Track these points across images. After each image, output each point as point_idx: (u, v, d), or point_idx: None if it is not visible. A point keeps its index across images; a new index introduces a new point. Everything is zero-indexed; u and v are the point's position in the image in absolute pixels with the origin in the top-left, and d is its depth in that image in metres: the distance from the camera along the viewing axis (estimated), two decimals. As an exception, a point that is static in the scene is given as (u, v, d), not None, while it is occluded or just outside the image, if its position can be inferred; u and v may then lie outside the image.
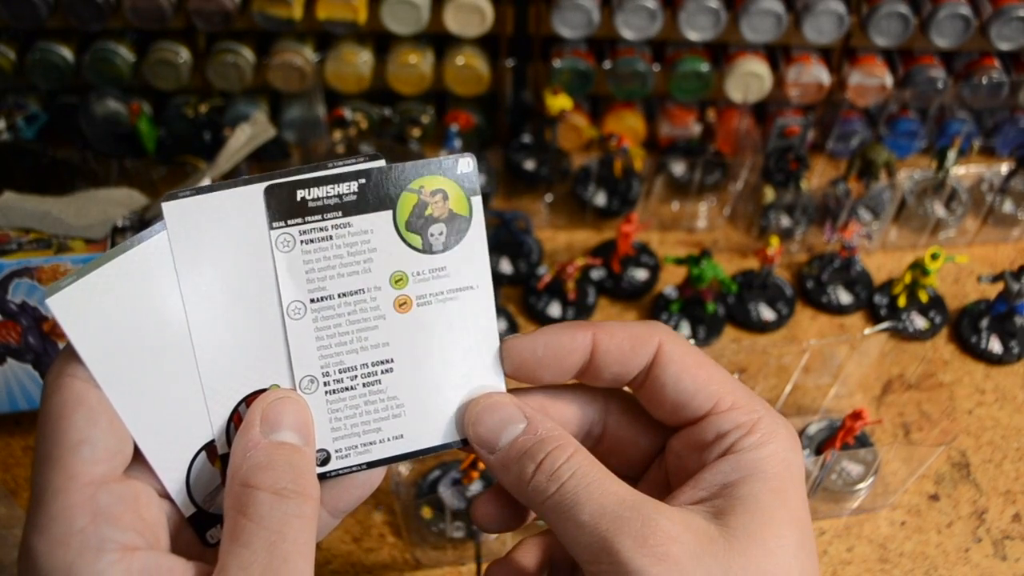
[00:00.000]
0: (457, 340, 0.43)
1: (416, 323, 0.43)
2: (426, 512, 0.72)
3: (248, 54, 0.98)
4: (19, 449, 0.80)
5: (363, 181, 0.41)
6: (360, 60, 0.99)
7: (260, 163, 0.95)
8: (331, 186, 0.41)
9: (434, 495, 0.74)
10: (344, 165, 0.41)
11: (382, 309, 0.42)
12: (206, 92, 1.01)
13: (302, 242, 0.41)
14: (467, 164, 0.42)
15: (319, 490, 0.40)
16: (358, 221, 0.41)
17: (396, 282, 0.42)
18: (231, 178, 0.92)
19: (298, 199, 0.40)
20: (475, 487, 0.74)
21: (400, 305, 0.42)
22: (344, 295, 0.42)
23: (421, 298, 0.43)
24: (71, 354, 0.37)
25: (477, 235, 0.43)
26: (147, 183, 0.91)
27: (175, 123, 1.01)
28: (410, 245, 0.42)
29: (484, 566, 0.73)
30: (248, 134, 0.89)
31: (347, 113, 1.00)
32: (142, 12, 0.93)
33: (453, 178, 0.42)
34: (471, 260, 0.43)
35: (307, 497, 0.38)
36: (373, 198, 0.41)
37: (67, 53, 0.98)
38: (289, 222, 0.40)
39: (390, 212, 0.41)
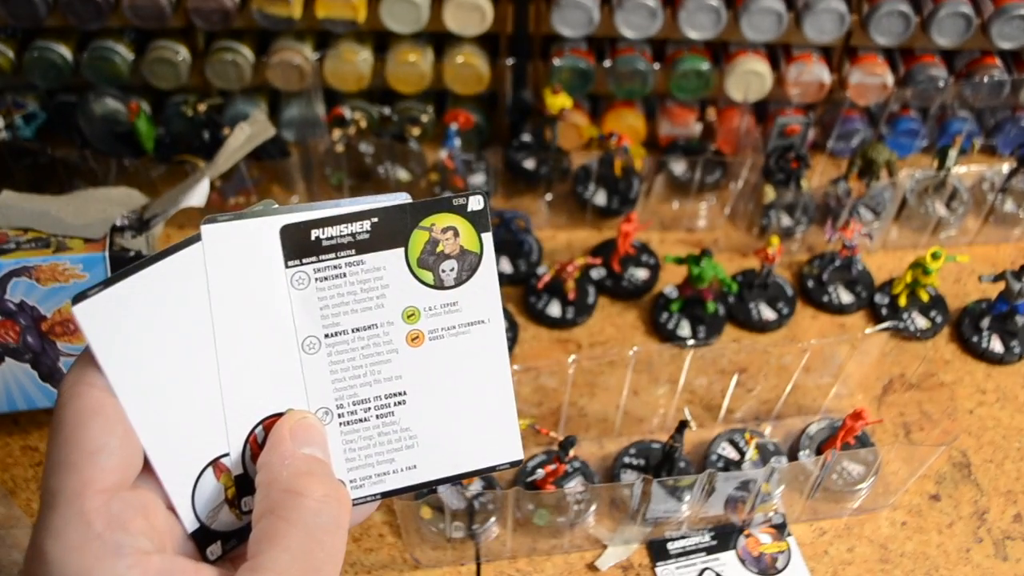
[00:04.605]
0: (469, 373, 0.44)
1: (428, 357, 0.43)
2: (426, 512, 0.72)
3: (247, 53, 0.98)
4: (17, 449, 0.80)
5: (376, 220, 0.42)
6: (359, 59, 0.99)
7: (259, 162, 0.95)
8: (345, 225, 0.41)
9: (434, 495, 0.73)
10: (363, 202, 0.42)
11: (395, 343, 0.43)
12: (205, 91, 1.01)
13: (316, 280, 0.42)
14: (478, 202, 0.43)
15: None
16: (371, 259, 0.42)
17: (408, 317, 0.43)
18: (231, 178, 0.92)
19: (312, 238, 0.41)
20: (475, 487, 0.74)
21: (412, 339, 0.43)
22: (358, 330, 0.43)
23: (433, 332, 0.43)
24: (89, 362, 0.38)
25: (488, 270, 0.43)
26: (146, 182, 0.91)
27: (174, 122, 1.01)
28: (422, 281, 0.43)
29: (484, 566, 0.73)
30: (247, 133, 0.89)
31: (346, 112, 1.00)
32: (141, 11, 0.93)
33: (464, 216, 0.43)
34: (482, 295, 0.44)
35: (347, 508, 0.40)
36: (386, 236, 0.42)
37: (66, 52, 0.98)
38: (304, 260, 0.41)
39: (402, 249, 0.42)
